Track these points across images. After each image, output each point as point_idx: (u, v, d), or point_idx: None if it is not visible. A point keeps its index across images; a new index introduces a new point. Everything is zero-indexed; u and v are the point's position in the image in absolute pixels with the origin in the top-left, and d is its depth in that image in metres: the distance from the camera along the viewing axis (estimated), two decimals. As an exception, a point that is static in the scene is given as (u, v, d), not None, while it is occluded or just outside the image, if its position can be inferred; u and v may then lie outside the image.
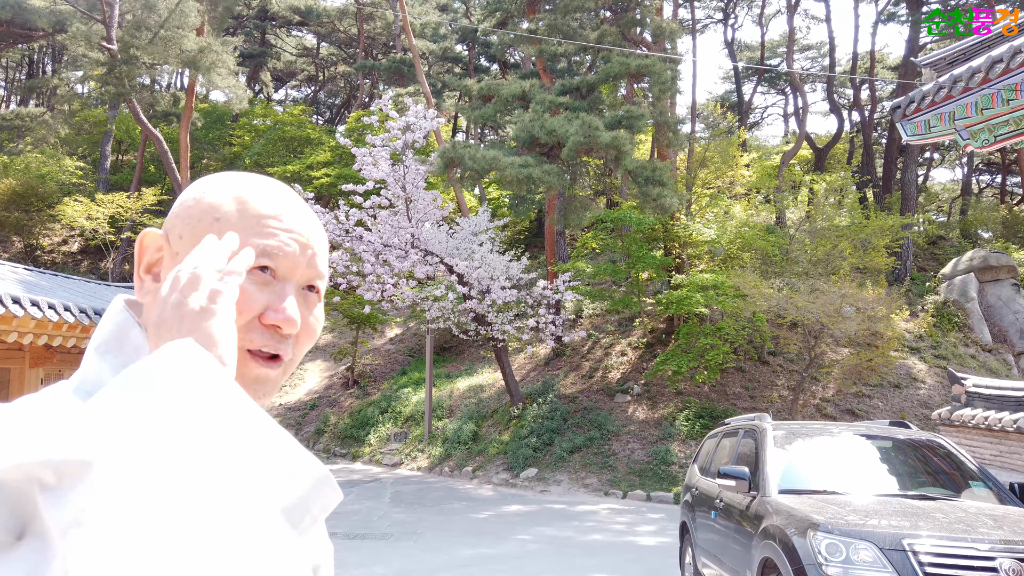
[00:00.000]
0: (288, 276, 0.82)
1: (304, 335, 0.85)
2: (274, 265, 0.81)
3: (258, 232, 0.81)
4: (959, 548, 4.23)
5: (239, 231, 0.80)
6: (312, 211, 0.89)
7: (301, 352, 0.86)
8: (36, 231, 30.45)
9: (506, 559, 9.10)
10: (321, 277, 0.86)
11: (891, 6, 31.24)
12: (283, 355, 0.82)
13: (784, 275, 19.05)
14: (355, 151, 15.90)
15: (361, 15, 39.99)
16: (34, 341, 7.97)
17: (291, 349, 0.83)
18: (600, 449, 16.39)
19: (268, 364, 0.81)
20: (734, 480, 5.74)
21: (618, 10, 20.83)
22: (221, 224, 0.81)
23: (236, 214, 0.81)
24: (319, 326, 0.88)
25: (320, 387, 25.10)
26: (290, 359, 0.84)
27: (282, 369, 0.83)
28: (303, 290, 0.85)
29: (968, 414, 10.50)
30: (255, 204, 0.82)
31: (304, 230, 0.84)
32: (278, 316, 0.79)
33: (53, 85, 39.83)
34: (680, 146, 21.22)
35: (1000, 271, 21.44)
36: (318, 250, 0.85)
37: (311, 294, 0.86)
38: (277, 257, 0.81)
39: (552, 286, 17.73)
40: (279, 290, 0.81)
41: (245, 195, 0.83)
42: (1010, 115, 6.27)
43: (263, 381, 0.81)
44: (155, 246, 0.84)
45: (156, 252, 0.84)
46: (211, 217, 0.81)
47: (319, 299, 0.87)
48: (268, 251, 0.80)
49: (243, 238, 0.80)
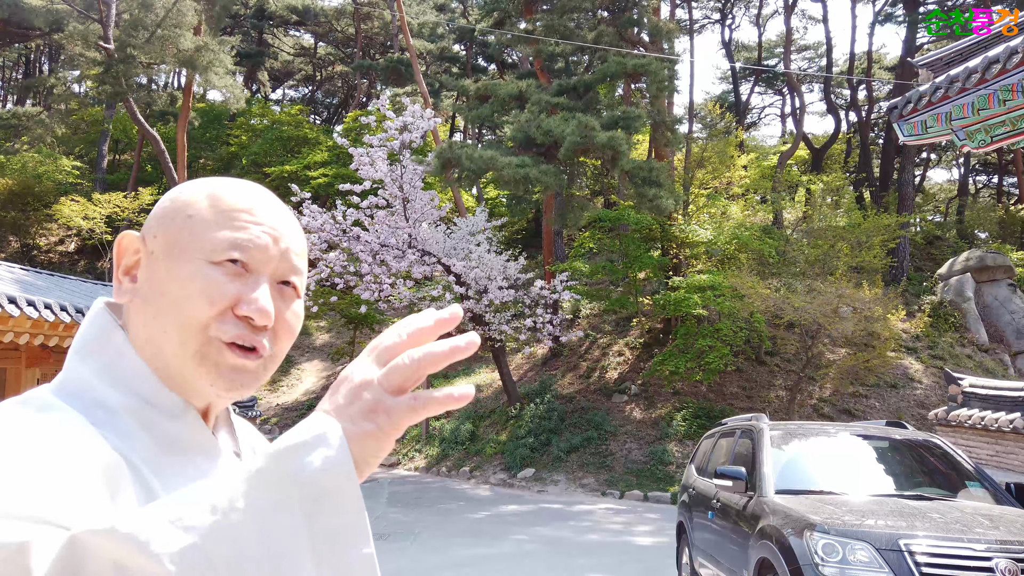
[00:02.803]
0: (261, 269, 0.83)
1: (282, 330, 0.85)
2: (245, 258, 0.81)
3: (229, 226, 0.82)
4: (955, 548, 4.23)
5: (211, 226, 0.81)
6: (288, 211, 0.90)
7: (281, 348, 0.86)
8: (33, 231, 30.39)
9: (503, 559, 9.10)
10: (297, 273, 0.86)
11: (888, 7, 31.29)
12: (260, 349, 0.82)
13: (781, 275, 19.07)
14: (352, 151, 15.88)
15: (359, 15, 39.95)
16: (30, 341, 7.95)
17: (269, 344, 0.83)
18: (597, 449, 16.39)
19: (245, 356, 0.81)
20: (731, 480, 5.74)
21: (615, 10, 20.83)
22: (194, 221, 0.82)
23: (208, 210, 0.82)
24: (298, 323, 0.88)
25: (317, 387, 25.08)
26: (270, 355, 0.84)
27: (262, 363, 0.83)
28: (279, 285, 0.85)
29: (965, 414, 10.51)
30: (227, 200, 0.83)
31: (277, 225, 0.85)
32: (250, 307, 0.80)
33: (50, 84, 39.72)
34: (677, 146, 21.23)
35: (996, 271, 21.48)
36: (292, 246, 0.86)
37: (287, 289, 0.86)
38: (248, 250, 0.81)
39: (549, 286, 17.73)
40: (252, 282, 0.81)
41: (217, 192, 0.84)
42: (1006, 115, 6.28)
43: (240, 371, 0.81)
44: (133, 248, 0.85)
45: (134, 254, 0.85)
46: (184, 214, 0.83)
47: (297, 295, 0.87)
48: (239, 243, 0.81)
49: (215, 232, 0.81)
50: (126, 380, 0.80)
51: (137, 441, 0.77)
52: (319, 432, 0.60)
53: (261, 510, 0.58)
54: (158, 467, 0.77)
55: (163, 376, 0.81)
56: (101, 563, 0.55)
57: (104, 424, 0.76)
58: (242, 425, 0.98)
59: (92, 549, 0.55)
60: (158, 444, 0.79)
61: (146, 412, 0.79)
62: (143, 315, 0.82)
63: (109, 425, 0.76)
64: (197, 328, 0.79)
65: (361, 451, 0.62)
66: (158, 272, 0.81)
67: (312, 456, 0.59)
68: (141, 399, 0.80)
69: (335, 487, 0.59)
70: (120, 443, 0.75)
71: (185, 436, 0.82)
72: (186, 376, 0.81)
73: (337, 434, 0.60)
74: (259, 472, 0.59)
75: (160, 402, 0.81)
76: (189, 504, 0.57)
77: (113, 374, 0.80)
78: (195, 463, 0.82)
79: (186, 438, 0.82)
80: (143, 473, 0.75)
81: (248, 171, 31.51)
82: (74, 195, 28.41)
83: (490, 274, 16.75)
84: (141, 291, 0.82)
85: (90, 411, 0.76)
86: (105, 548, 0.55)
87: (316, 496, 0.59)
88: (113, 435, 0.75)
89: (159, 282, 0.81)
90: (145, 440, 0.78)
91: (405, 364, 0.62)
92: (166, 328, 0.80)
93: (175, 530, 0.56)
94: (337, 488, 0.59)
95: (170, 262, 0.81)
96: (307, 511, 0.58)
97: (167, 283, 0.80)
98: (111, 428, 0.76)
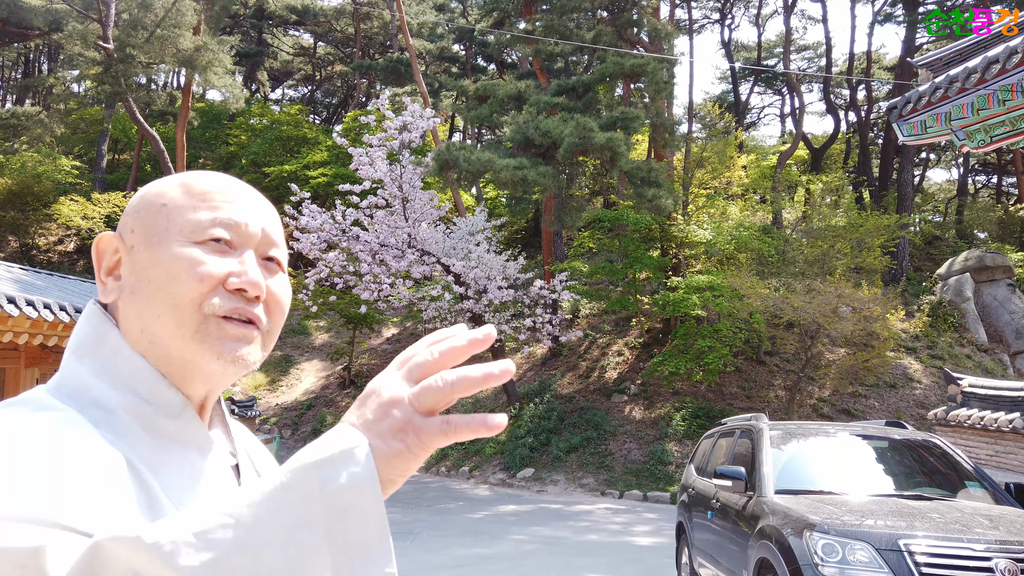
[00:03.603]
0: (244, 244, 0.84)
1: (273, 304, 0.86)
2: (229, 235, 0.82)
3: (206, 206, 0.83)
4: (955, 548, 4.23)
5: (186, 210, 0.82)
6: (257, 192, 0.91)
7: (275, 323, 0.87)
8: (32, 230, 30.36)
9: (502, 559, 9.10)
10: (277, 246, 0.88)
11: (888, 7, 31.29)
12: (256, 321, 0.83)
13: (780, 275, 19.08)
14: (352, 151, 15.88)
15: (358, 14, 39.93)
16: (29, 341, 7.94)
17: (264, 317, 0.84)
18: (597, 449, 16.39)
19: (245, 327, 0.82)
20: (730, 480, 5.73)
21: (615, 11, 20.82)
22: (169, 208, 0.83)
23: (182, 196, 0.84)
24: (286, 297, 0.89)
25: (317, 387, 25.07)
26: (267, 329, 0.85)
27: (260, 339, 0.84)
28: (263, 260, 0.86)
29: (964, 414, 10.51)
30: (198, 185, 0.85)
31: (251, 203, 0.87)
32: (241, 279, 0.81)
33: (49, 84, 39.70)
34: (676, 146, 21.22)
35: (996, 271, 21.49)
36: (268, 222, 0.87)
37: (271, 264, 0.87)
38: (230, 226, 0.83)
39: (549, 286, 17.74)
40: (238, 257, 0.83)
41: (187, 180, 0.86)
42: (1006, 115, 6.28)
43: (243, 340, 0.82)
44: (112, 248, 0.85)
45: (114, 254, 0.85)
46: (158, 204, 0.83)
47: (281, 270, 0.89)
48: (220, 221, 0.82)
49: (193, 214, 0.82)
50: (123, 378, 0.80)
51: (135, 439, 0.77)
52: (347, 447, 0.60)
53: (284, 527, 0.57)
54: (156, 465, 0.77)
55: (163, 366, 0.81)
56: (121, 571, 0.55)
57: (102, 423, 0.76)
58: (237, 427, 0.98)
59: (114, 557, 0.55)
60: (156, 442, 0.79)
61: (144, 410, 0.79)
62: (134, 306, 0.81)
63: (106, 424, 0.76)
64: (191, 307, 0.79)
65: (388, 470, 0.61)
66: (141, 263, 0.81)
67: (338, 471, 0.58)
68: (138, 397, 0.79)
69: (360, 505, 0.58)
70: (118, 442, 0.75)
71: (183, 434, 0.82)
72: (187, 358, 0.80)
73: (364, 450, 0.60)
74: (284, 487, 0.58)
75: (158, 400, 0.80)
76: (213, 518, 0.57)
77: (110, 373, 0.80)
78: (191, 461, 0.82)
79: (184, 436, 0.82)
80: (141, 472, 0.75)
81: (247, 171, 31.50)
82: (73, 195, 28.39)
83: (489, 274, 16.75)
84: (127, 285, 0.82)
85: (87, 411, 0.76)
86: (126, 557, 0.55)
87: (340, 513, 0.58)
88: (111, 434, 0.75)
89: (144, 271, 0.81)
90: (143, 438, 0.78)
91: (439, 387, 0.61)
92: (159, 313, 0.79)
93: (199, 544, 0.55)
94: (361, 506, 0.58)
95: (152, 250, 0.81)
96: (329, 527, 0.58)
97: (152, 270, 0.80)
98: (108, 427, 0.76)
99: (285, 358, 26.88)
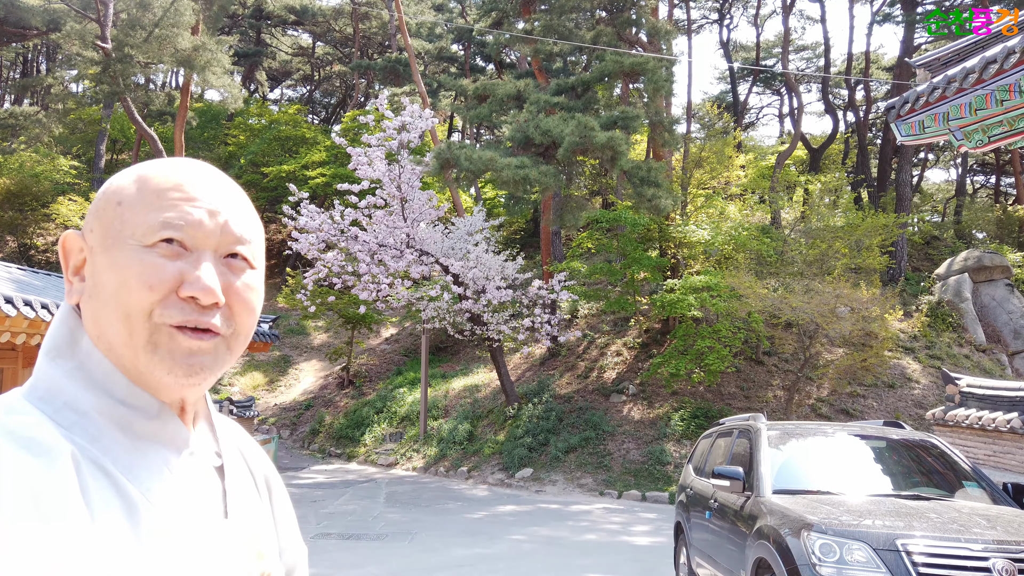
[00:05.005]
0: (201, 245, 0.80)
1: (238, 305, 0.83)
2: (180, 236, 0.79)
3: (158, 206, 0.80)
4: (953, 548, 4.23)
5: (139, 210, 0.79)
6: (228, 182, 0.87)
7: (242, 324, 0.83)
8: (30, 230, 30.33)
9: (501, 559, 9.10)
10: (242, 243, 0.84)
11: (886, 7, 31.30)
12: (215, 329, 0.80)
13: (779, 275, 19.09)
14: (350, 151, 15.88)
15: (357, 14, 39.92)
16: (27, 341, 7.93)
17: (224, 322, 0.81)
18: (595, 449, 16.39)
19: (199, 336, 0.79)
20: (729, 480, 5.74)
21: (613, 10, 20.81)
22: (123, 208, 0.80)
23: (136, 194, 0.80)
24: (254, 295, 0.85)
25: (315, 387, 25.05)
26: (231, 333, 0.82)
27: (222, 343, 0.81)
28: (225, 259, 0.83)
29: (962, 414, 10.52)
30: (155, 180, 0.81)
31: (211, 197, 0.82)
32: (194, 287, 0.78)
33: (47, 84, 39.64)
34: (675, 146, 21.22)
35: (994, 271, 21.51)
36: (232, 216, 0.83)
37: (235, 262, 0.83)
38: (181, 227, 0.79)
39: (548, 286, 17.74)
40: (193, 260, 0.79)
41: (146, 174, 0.82)
42: (1004, 116, 6.28)
43: (196, 353, 0.79)
44: (76, 247, 0.83)
45: (79, 253, 0.83)
46: (114, 203, 0.81)
47: (250, 267, 0.85)
48: (169, 222, 0.79)
49: (144, 215, 0.79)
50: (97, 380, 0.78)
51: (110, 442, 0.76)
52: None
53: None
54: (133, 467, 0.76)
55: (125, 372, 0.79)
56: None
57: (73, 427, 0.74)
58: (225, 423, 0.96)
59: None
60: (133, 444, 0.77)
61: (119, 412, 0.77)
62: (91, 311, 0.80)
63: (79, 428, 0.75)
64: (141, 316, 0.76)
65: None
66: (98, 265, 0.79)
67: None
68: (114, 399, 0.78)
69: None
70: (89, 446, 0.73)
71: (162, 435, 0.80)
72: (141, 369, 0.78)
73: None
74: None
75: (133, 402, 0.79)
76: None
77: (84, 375, 0.78)
78: (171, 462, 0.80)
79: (163, 437, 0.81)
80: (114, 475, 0.73)
81: (246, 170, 31.48)
82: (71, 194, 28.37)
83: (488, 274, 16.74)
84: (87, 288, 0.80)
85: (60, 413, 0.75)
86: None
87: None
88: (82, 438, 0.74)
89: (99, 275, 0.79)
90: (119, 440, 0.76)
91: None
92: (112, 321, 0.77)
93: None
94: None
95: (107, 253, 0.79)
96: None
97: (106, 274, 0.78)
98: (80, 431, 0.74)
99: (284, 358, 26.87)
